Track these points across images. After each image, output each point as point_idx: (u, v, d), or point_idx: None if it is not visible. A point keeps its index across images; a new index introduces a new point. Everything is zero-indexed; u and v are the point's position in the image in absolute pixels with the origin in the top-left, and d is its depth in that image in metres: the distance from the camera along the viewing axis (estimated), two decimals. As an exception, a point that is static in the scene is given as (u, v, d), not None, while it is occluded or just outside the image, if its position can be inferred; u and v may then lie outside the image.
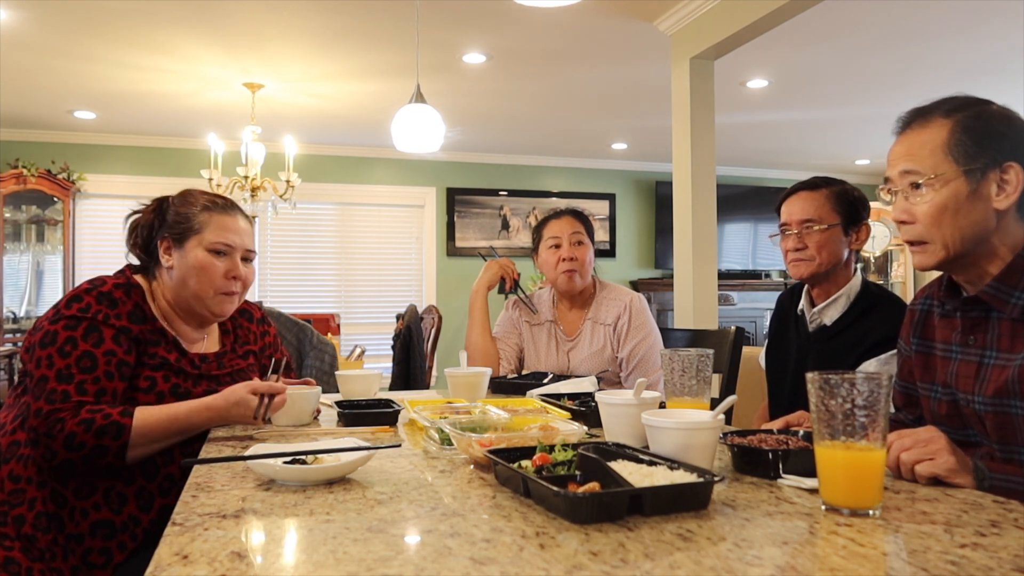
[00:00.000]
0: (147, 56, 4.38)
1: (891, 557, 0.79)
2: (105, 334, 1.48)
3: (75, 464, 1.39)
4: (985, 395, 1.18)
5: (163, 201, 1.69)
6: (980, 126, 1.17)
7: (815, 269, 1.86)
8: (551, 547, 0.79)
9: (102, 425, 1.37)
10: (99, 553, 1.41)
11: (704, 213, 3.79)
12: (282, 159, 5.37)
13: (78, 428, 1.36)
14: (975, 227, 1.17)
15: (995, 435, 1.18)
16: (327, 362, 2.82)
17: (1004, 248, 1.19)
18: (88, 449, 1.37)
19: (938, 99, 1.23)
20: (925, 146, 1.19)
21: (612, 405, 1.29)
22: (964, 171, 1.16)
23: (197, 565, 0.75)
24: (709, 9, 3.61)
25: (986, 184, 1.16)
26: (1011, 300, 1.17)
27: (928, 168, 1.18)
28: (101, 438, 1.37)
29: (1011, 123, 1.19)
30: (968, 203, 1.16)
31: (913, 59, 4.54)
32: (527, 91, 5.18)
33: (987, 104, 1.21)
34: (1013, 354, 1.16)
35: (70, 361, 1.43)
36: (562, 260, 2.35)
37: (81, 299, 1.50)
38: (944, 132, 1.18)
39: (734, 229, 7.63)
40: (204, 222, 1.63)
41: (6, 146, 5.96)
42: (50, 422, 1.37)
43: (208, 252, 1.61)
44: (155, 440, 1.43)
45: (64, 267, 6.01)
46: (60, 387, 1.40)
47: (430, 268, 7.08)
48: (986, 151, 1.16)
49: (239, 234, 1.66)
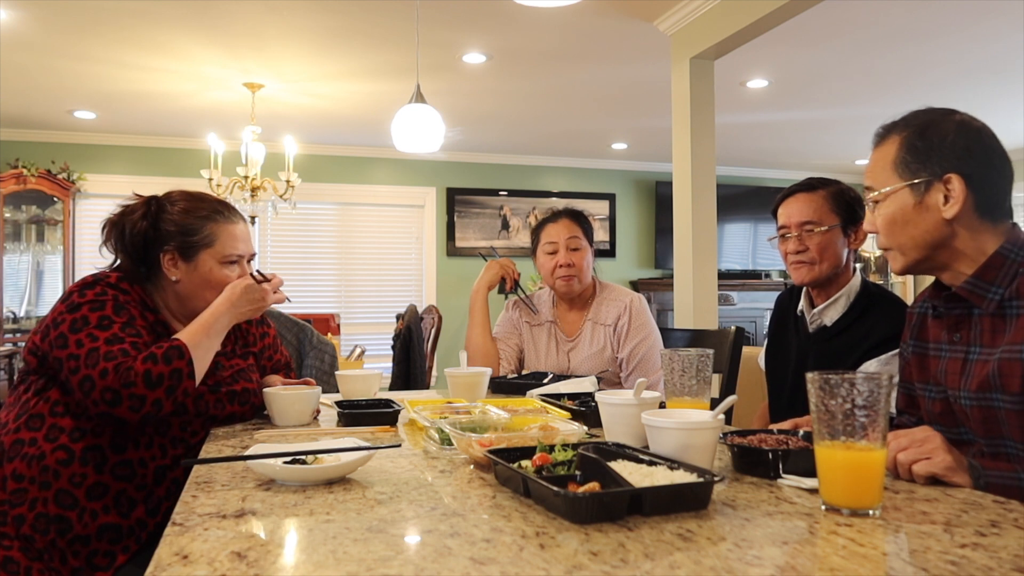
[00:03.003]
0: (147, 56, 4.38)
1: (891, 557, 0.79)
2: (133, 312, 1.52)
3: (163, 405, 1.41)
4: (970, 390, 1.21)
5: (152, 204, 1.63)
6: (922, 142, 1.23)
7: (817, 273, 1.86)
8: (551, 547, 0.79)
9: (165, 352, 1.43)
10: (104, 555, 1.41)
11: (704, 213, 3.79)
12: (282, 159, 5.37)
13: (148, 364, 1.40)
14: (927, 235, 1.24)
15: (980, 429, 1.20)
16: (327, 362, 2.82)
17: (971, 248, 1.23)
18: (168, 378, 1.41)
19: (906, 112, 1.30)
20: (878, 163, 1.29)
21: (612, 405, 1.29)
22: (908, 185, 1.24)
23: (197, 565, 0.75)
24: (709, 9, 3.61)
25: (932, 195, 1.22)
26: (988, 295, 1.21)
27: (880, 183, 1.28)
28: (170, 363, 1.42)
29: (966, 135, 1.23)
30: (915, 214, 1.24)
31: (913, 59, 4.54)
32: (527, 91, 5.18)
33: (946, 115, 1.26)
34: (994, 348, 1.19)
35: (115, 330, 1.45)
36: (559, 267, 2.34)
37: (94, 287, 1.51)
38: (893, 149, 1.27)
39: (734, 229, 7.63)
40: (214, 234, 1.62)
41: (6, 146, 5.96)
42: (121, 373, 1.38)
43: (222, 265, 1.62)
44: (208, 349, 1.52)
45: (64, 267, 6.01)
46: (115, 347, 1.42)
47: (430, 268, 7.08)
48: (927, 165, 1.22)
49: (246, 241, 1.69)
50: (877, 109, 5.60)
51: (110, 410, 1.39)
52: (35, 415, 1.46)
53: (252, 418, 1.67)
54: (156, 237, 1.60)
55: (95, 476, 1.43)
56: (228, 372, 1.66)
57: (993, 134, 1.25)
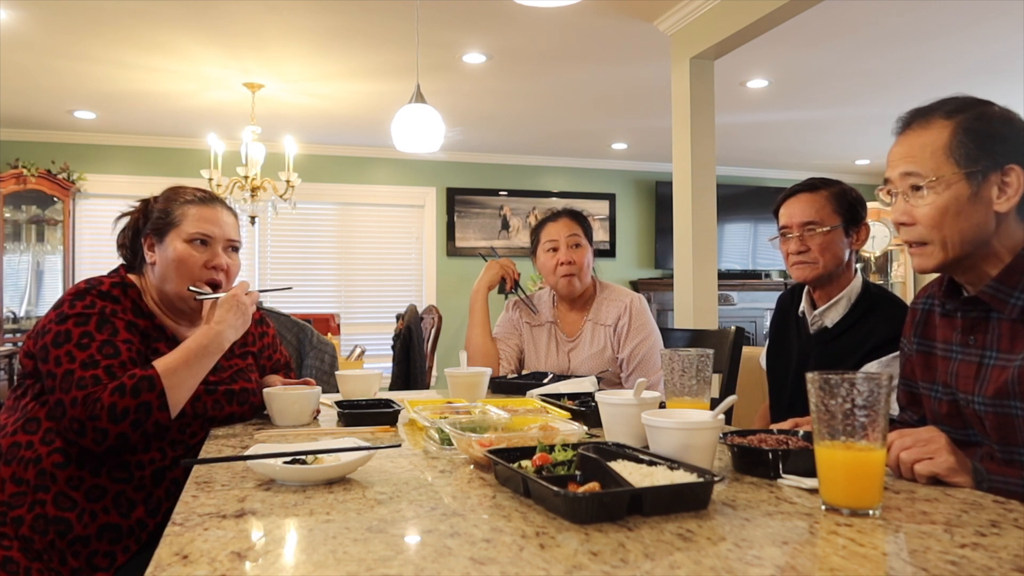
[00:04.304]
0: (147, 56, 4.38)
1: (891, 557, 0.79)
2: (118, 325, 1.50)
3: (128, 438, 1.39)
4: (985, 395, 1.18)
5: (148, 201, 1.70)
6: (981, 128, 1.16)
7: (819, 272, 1.86)
8: (551, 547, 0.79)
9: (134, 384, 1.39)
10: (104, 556, 1.41)
11: (704, 213, 3.79)
12: (282, 159, 5.37)
13: (114, 397, 1.37)
14: (975, 229, 1.17)
15: (995, 436, 1.17)
16: (327, 362, 2.82)
17: (1004, 250, 1.18)
18: (133, 412, 1.38)
19: (938, 100, 1.22)
20: (926, 148, 1.19)
21: (612, 405, 1.29)
22: (965, 173, 1.16)
23: (197, 565, 0.75)
24: (709, 9, 3.61)
25: (987, 186, 1.16)
26: (1010, 300, 1.17)
27: (929, 170, 1.18)
28: (138, 396, 1.38)
29: (1012, 125, 1.18)
30: (969, 205, 1.16)
31: (913, 59, 4.54)
32: (527, 91, 5.18)
33: (988, 105, 1.21)
34: (1013, 355, 1.16)
35: (92, 351, 1.43)
36: (560, 264, 2.35)
37: (83, 297, 1.50)
38: (945, 134, 1.18)
39: (734, 229, 7.63)
40: (183, 214, 1.63)
41: (6, 146, 5.96)
42: (88, 405, 1.37)
43: (186, 243, 1.61)
44: (185, 379, 1.46)
45: (64, 267, 6.01)
46: (89, 373, 1.40)
47: (430, 268, 7.08)
48: (987, 153, 1.15)
49: (219, 225, 1.65)
50: (877, 109, 5.61)
51: (77, 439, 1.39)
52: (31, 418, 1.46)
53: (252, 418, 1.67)
54: (144, 226, 1.65)
55: (92, 479, 1.42)
56: (227, 372, 1.66)
57: None
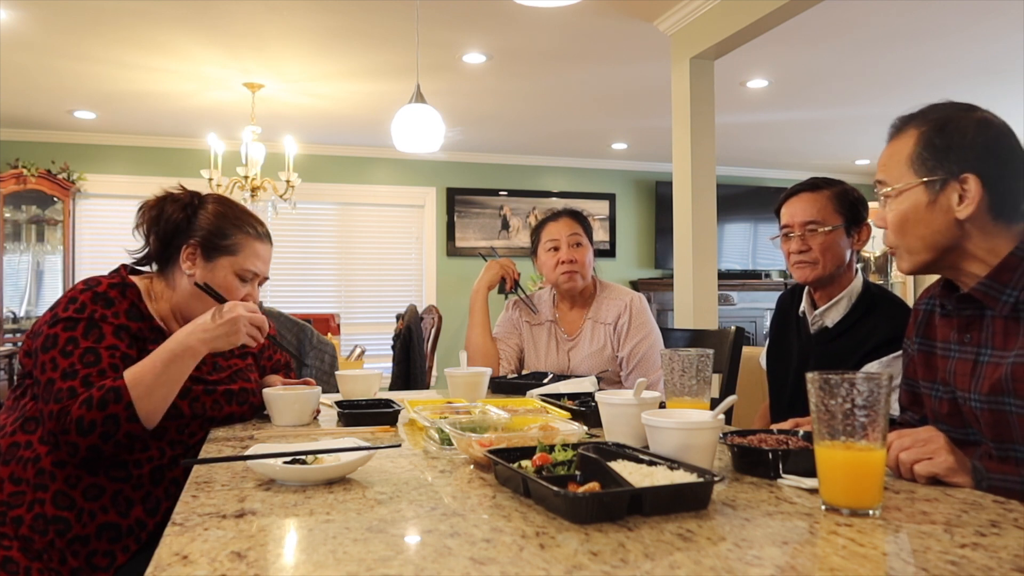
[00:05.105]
0: (147, 56, 4.38)
1: (891, 557, 0.79)
2: (105, 330, 1.48)
3: (101, 450, 1.37)
4: (981, 392, 1.19)
5: (196, 198, 1.65)
6: (941, 139, 1.20)
7: (820, 272, 1.86)
8: (551, 547, 0.79)
9: (101, 396, 1.36)
10: (103, 555, 1.41)
11: (704, 213, 3.79)
12: (282, 159, 5.37)
13: (82, 410, 1.35)
14: (937, 236, 1.21)
15: (990, 433, 1.18)
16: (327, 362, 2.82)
17: (982, 251, 1.20)
18: (100, 425, 1.36)
19: (927, 105, 1.26)
20: (893, 157, 1.24)
21: (612, 405, 1.29)
22: (923, 182, 1.20)
23: (197, 565, 0.75)
24: (709, 9, 3.61)
25: (946, 195, 1.19)
26: (1002, 298, 1.18)
27: (894, 179, 1.24)
28: (105, 408, 1.36)
29: (985, 133, 1.20)
30: (928, 213, 1.20)
31: (913, 59, 4.54)
32: (527, 91, 5.18)
33: (967, 112, 1.22)
34: (1006, 351, 1.17)
35: (73, 359, 1.42)
36: (561, 263, 2.35)
37: (76, 300, 1.49)
38: (910, 143, 1.22)
39: (734, 229, 7.64)
40: (241, 245, 1.63)
41: (6, 146, 5.96)
42: (60, 418, 1.36)
43: (235, 275, 1.62)
44: (157, 387, 1.41)
45: (64, 267, 6.01)
46: (67, 385, 1.39)
47: (430, 268, 7.08)
48: (944, 163, 1.19)
49: (266, 263, 1.69)
50: (877, 109, 5.61)
51: (54, 451, 1.40)
52: (30, 418, 1.46)
53: (251, 418, 1.67)
54: (187, 229, 1.62)
55: (90, 478, 1.42)
56: (226, 372, 1.66)
57: (1013, 133, 1.21)
